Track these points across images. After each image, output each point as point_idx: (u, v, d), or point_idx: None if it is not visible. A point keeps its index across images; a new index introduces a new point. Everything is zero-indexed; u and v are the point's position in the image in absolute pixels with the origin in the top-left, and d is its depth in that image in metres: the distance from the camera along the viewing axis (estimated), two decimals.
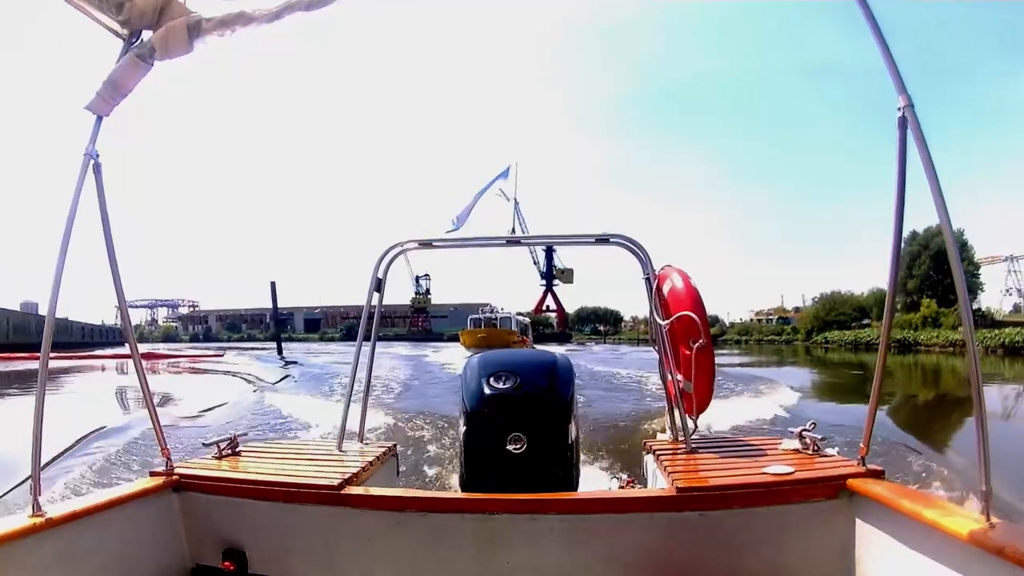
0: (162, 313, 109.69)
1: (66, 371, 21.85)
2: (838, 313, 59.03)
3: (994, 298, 61.44)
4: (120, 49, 2.08)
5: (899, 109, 1.75)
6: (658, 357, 2.87)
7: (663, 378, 2.87)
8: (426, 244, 3.05)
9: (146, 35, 2.08)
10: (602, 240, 2.84)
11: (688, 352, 2.71)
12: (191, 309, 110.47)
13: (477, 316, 42.12)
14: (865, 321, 56.04)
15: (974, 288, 53.25)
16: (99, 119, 2.09)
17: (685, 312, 2.69)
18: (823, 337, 56.00)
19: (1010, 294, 61.80)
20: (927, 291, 52.43)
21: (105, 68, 2.04)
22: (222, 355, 35.18)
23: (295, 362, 25.97)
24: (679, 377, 2.77)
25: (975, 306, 53.17)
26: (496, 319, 41.68)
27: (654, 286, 2.81)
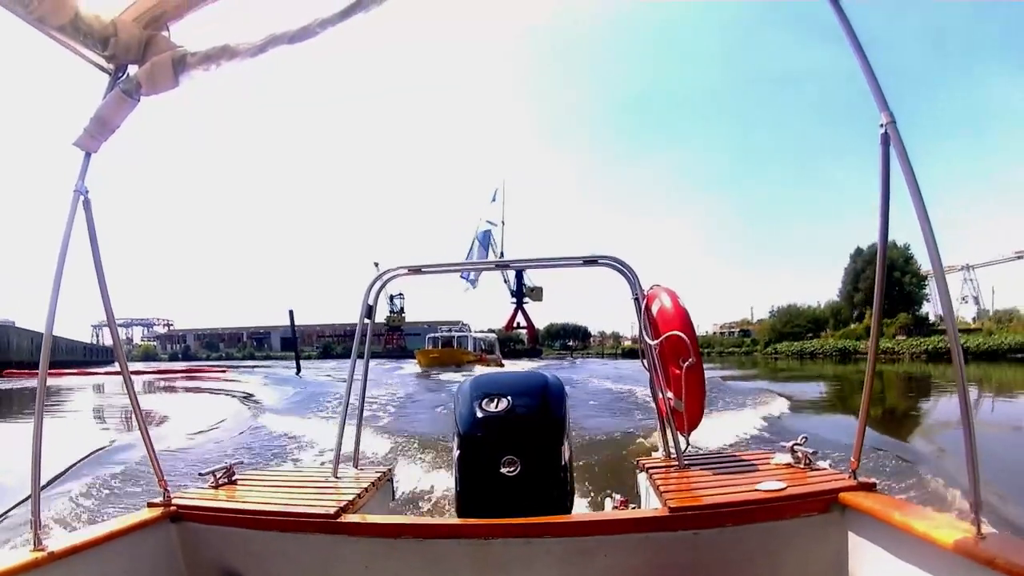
0: (138, 332, 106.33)
1: (71, 388, 23.64)
2: (793, 325, 60.56)
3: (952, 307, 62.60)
4: (106, 84, 2.06)
5: (881, 126, 1.73)
6: (649, 376, 2.85)
7: (654, 397, 2.85)
8: (415, 270, 3.02)
9: (132, 69, 2.06)
10: (590, 262, 2.83)
11: (678, 371, 2.68)
12: (167, 328, 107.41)
13: (435, 335, 41.87)
14: (823, 332, 57.57)
15: (919, 299, 55.11)
16: (87, 156, 2.05)
17: (674, 332, 2.68)
18: (773, 348, 58.30)
19: (966, 302, 63.30)
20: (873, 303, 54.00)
21: (93, 103, 2.02)
22: (251, 369, 38.80)
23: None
24: (669, 395, 2.75)
25: (921, 314, 54.96)
26: (453, 338, 41.45)
27: (643, 306, 2.81)
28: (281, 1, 2.15)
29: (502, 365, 39.79)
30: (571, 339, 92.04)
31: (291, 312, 45.55)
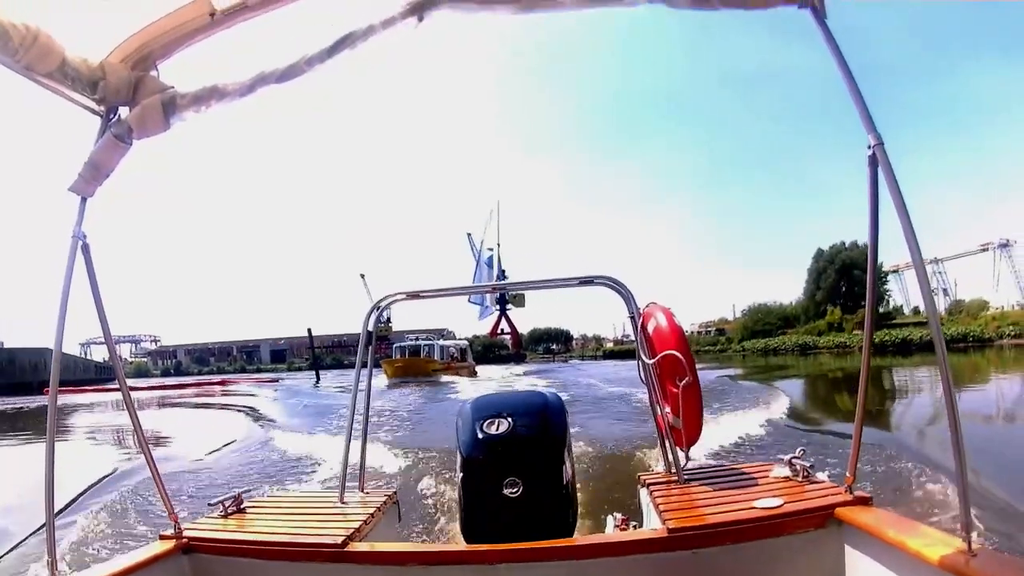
0: (126, 349, 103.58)
1: (91, 404, 24.04)
2: (764, 323, 61.45)
3: (919, 299, 63.18)
4: (98, 126, 2.01)
5: (869, 147, 1.68)
6: (648, 394, 2.84)
7: (653, 413, 2.83)
8: (414, 295, 2.99)
9: (123, 111, 2.02)
10: (586, 282, 2.81)
11: (675, 389, 2.65)
12: (155, 344, 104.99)
13: (402, 344, 40.73)
14: (792, 329, 58.51)
15: (880, 295, 56.19)
16: (83, 200, 2.01)
17: (670, 351, 2.65)
18: (741, 346, 59.59)
19: (935, 294, 64.30)
20: (837, 300, 55.47)
21: (86, 146, 1.97)
22: (277, 380, 40.93)
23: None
24: (667, 410, 2.72)
25: (881, 310, 56.06)
26: (420, 347, 40.50)
27: (639, 324, 2.78)
28: (268, 36, 2.12)
29: (475, 373, 38.74)
30: (554, 343, 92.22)
31: (309, 330, 52.44)
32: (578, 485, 2.72)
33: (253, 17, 1.97)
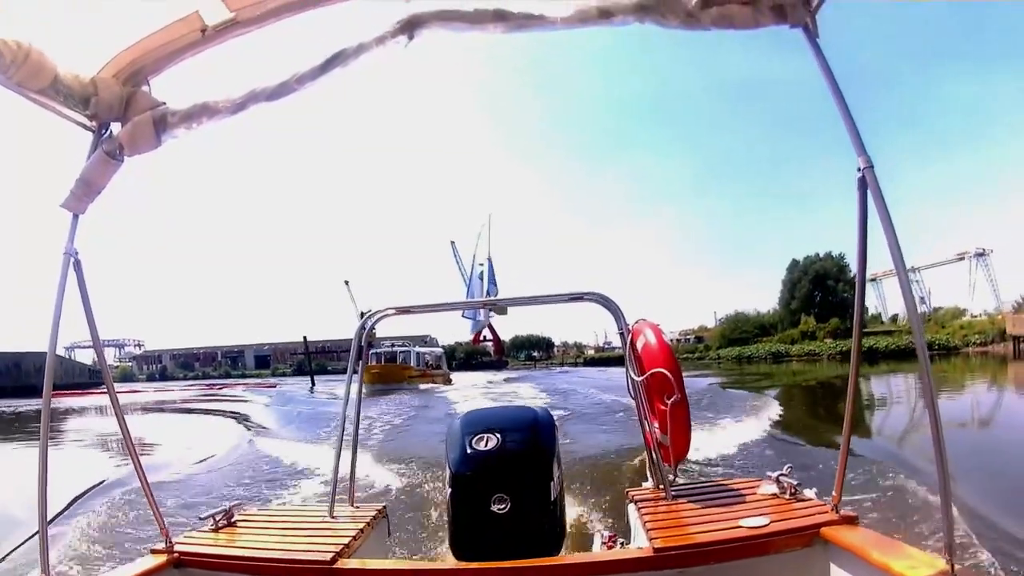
0: (110, 353, 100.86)
1: (78, 410, 23.48)
2: (741, 331, 61.94)
3: (899, 306, 63.40)
4: (90, 142, 2.00)
5: (859, 170, 1.69)
6: (637, 410, 2.82)
7: (642, 429, 2.82)
8: (404, 310, 2.97)
9: (115, 127, 2.01)
10: (576, 298, 2.80)
11: (663, 407, 2.65)
12: (139, 348, 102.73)
13: (379, 351, 39.67)
14: (768, 336, 59.09)
15: (853, 304, 56.74)
16: (75, 217, 1.99)
17: (659, 369, 2.65)
18: (716, 354, 60.22)
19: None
20: (811, 309, 56.21)
21: (78, 161, 1.96)
22: (275, 386, 41.35)
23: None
24: (655, 426, 2.71)
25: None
26: (396, 354, 40.17)
27: (628, 341, 2.75)
28: (259, 52, 2.13)
29: (450, 381, 38.27)
30: (536, 350, 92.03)
31: (305, 338, 52.33)
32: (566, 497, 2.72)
33: (244, 33, 1.98)
